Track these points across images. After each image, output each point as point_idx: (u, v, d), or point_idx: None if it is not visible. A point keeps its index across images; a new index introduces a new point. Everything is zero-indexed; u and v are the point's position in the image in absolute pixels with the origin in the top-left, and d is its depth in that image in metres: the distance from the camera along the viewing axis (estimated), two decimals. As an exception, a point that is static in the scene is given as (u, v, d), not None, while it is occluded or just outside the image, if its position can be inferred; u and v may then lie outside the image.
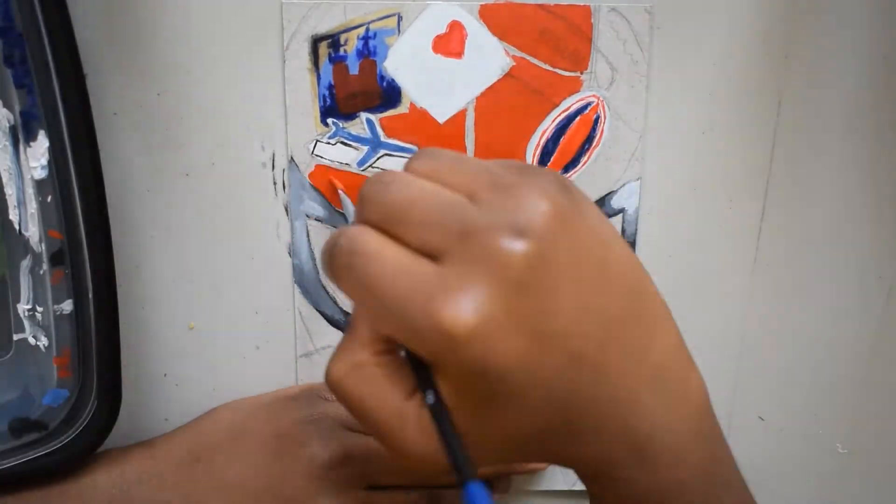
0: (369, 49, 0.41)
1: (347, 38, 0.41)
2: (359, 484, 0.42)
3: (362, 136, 0.42)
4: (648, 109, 0.42)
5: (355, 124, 0.42)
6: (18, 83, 0.36)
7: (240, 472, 0.41)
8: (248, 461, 0.42)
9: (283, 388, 0.46)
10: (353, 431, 0.42)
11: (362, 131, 0.42)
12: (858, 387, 0.48)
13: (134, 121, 0.41)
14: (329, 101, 0.42)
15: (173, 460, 0.42)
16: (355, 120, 0.42)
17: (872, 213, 0.45)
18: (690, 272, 0.45)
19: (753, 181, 0.44)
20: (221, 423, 0.44)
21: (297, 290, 0.44)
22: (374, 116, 0.42)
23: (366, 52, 0.41)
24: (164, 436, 0.44)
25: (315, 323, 0.45)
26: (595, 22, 0.41)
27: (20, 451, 0.40)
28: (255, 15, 0.40)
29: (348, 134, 0.42)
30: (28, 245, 0.39)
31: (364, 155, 0.43)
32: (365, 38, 0.41)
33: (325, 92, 0.42)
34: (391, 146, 0.42)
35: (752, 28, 0.41)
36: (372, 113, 0.42)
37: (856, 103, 0.43)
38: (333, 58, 0.41)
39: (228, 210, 0.43)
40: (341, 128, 0.42)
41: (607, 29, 0.41)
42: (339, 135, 0.42)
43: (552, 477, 0.47)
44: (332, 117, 0.42)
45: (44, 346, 0.40)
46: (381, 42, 0.41)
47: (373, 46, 0.41)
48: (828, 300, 0.46)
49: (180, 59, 0.40)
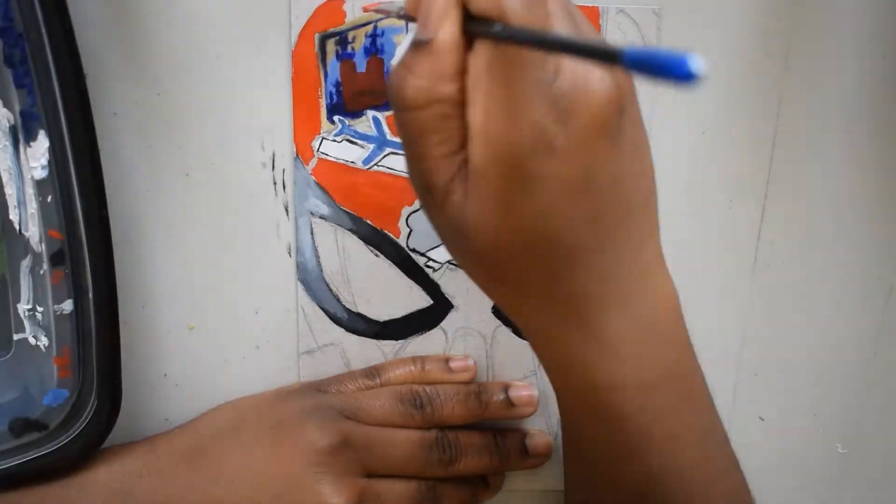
0: (377, 47, 0.41)
1: (355, 35, 0.41)
2: (358, 471, 0.42)
3: (368, 135, 0.42)
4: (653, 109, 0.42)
5: (362, 122, 0.42)
6: (18, 83, 0.36)
7: (240, 462, 0.41)
8: (247, 451, 0.42)
9: (283, 386, 0.46)
10: (352, 420, 0.42)
11: (368, 129, 0.42)
12: (858, 387, 0.48)
13: (134, 121, 0.41)
14: (336, 98, 0.42)
15: (174, 454, 0.42)
16: (362, 118, 0.42)
17: (872, 213, 0.45)
18: (690, 272, 0.45)
19: (753, 181, 0.44)
20: (222, 418, 0.44)
21: (300, 287, 0.44)
22: (380, 114, 0.42)
23: (373, 49, 0.41)
24: (164, 433, 0.44)
25: (317, 320, 0.45)
26: (603, 23, 0.41)
27: (20, 451, 0.40)
28: (263, 12, 0.40)
29: (354, 132, 0.42)
30: (28, 245, 0.39)
31: (370, 153, 0.43)
32: (373, 36, 0.41)
33: (332, 89, 0.42)
34: (397, 144, 0.42)
35: (752, 28, 0.41)
36: (379, 111, 0.42)
37: (856, 103, 0.43)
38: (341, 55, 0.41)
39: (228, 210, 0.43)
40: (347, 125, 0.42)
41: (615, 30, 0.41)
42: (346, 132, 0.42)
43: (549, 476, 0.48)
44: (339, 115, 0.42)
45: (44, 345, 0.40)
46: (389, 40, 0.41)
47: (380, 44, 0.41)
48: (828, 300, 0.46)
49: (180, 59, 0.40)
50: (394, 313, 0.45)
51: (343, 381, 0.44)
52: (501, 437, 0.45)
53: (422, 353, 0.46)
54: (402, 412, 0.43)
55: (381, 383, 0.44)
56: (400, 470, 0.43)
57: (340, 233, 0.44)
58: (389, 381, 0.44)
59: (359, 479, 0.42)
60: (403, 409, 0.43)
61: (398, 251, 0.44)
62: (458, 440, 0.44)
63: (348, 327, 0.45)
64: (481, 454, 0.44)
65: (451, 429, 0.44)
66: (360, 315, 0.45)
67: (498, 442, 0.45)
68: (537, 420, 0.47)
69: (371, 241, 0.44)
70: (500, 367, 0.46)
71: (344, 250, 0.44)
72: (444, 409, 0.43)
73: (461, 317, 0.45)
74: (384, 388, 0.44)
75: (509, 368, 0.46)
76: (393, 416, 0.43)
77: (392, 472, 0.43)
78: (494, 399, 0.44)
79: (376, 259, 0.44)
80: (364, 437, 0.42)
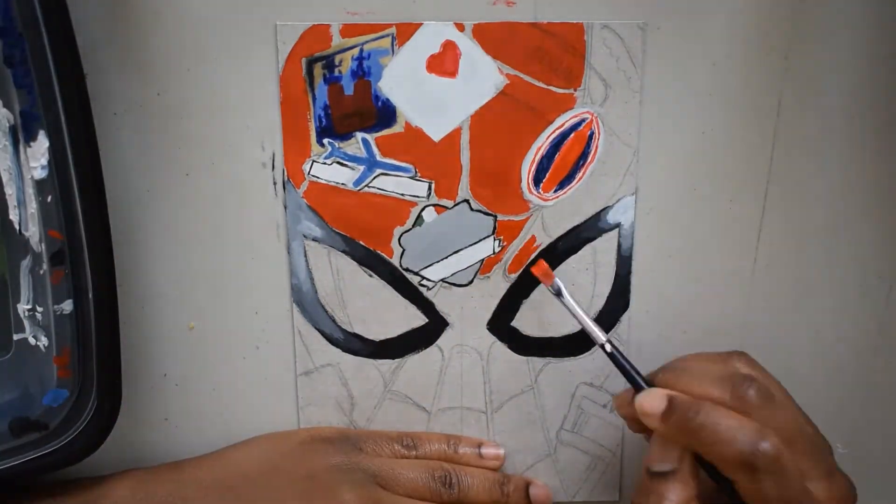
0: (364, 69, 0.41)
1: (342, 59, 0.41)
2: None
3: (358, 156, 0.42)
4: (646, 114, 0.42)
5: (351, 144, 0.42)
6: (18, 83, 0.36)
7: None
8: (277, 496, 0.42)
9: (318, 428, 0.46)
10: (383, 489, 0.43)
11: (358, 151, 0.42)
12: (858, 387, 0.48)
13: (134, 121, 0.41)
14: (325, 121, 0.42)
15: (201, 485, 0.42)
16: (351, 140, 0.42)
17: (872, 213, 0.45)
18: (690, 272, 0.45)
19: (753, 181, 0.44)
20: (253, 456, 0.44)
21: (295, 309, 0.44)
22: (369, 136, 0.42)
23: (360, 72, 0.41)
24: (191, 459, 0.45)
25: (314, 342, 0.45)
26: (588, 39, 0.41)
27: (20, 451, 0.40)
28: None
29: (344, 154, 0.42)
30: (28, 245, 0.39)
31: (360, 175, 0.43)
32: (359, 59, 0.41)
33: (320, 113, 0.42)
34: (387, 165, 0.43)
35: (752, 28, 0.41)
36: (367, 133, 0.42)
37: (856, 103, 0.43)
38: (328, 79, 0.41)
39: (228, 210, 0.43)
40: (337, 148, 0.42)
41: (600, 46, 0.41)
42: (335, 155, 0.42)
43: (553, 489, 0.48)
44: (328, 137, 0.42)
45: (44, 345, 0.40)
46: (376, 62, 0.41)
47: (367, 67, 0.41)
48: (828, 300, 0.46)
49: (180, 59, 0.40)
50: (389, 333, 0.45)
51: (380, 443, 0.45)
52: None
53: (418, 371, 0.46)
54: (431, 488, 0.44)
55: (416, 455, 0.46)
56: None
57: (334, 254, 0.44)
58: (423, 456, 0.46)
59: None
60: (434, 486, 0.44)
61: (392, 271, 0.44)
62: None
63: (345, 348, 0.45)
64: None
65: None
66: (355, 335, 0.45)
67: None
68: (537, 433, 0.47)
69: (364, 262, 0.44)
70: (496, 384, 0.46)
71: (338, 271, 0.44)
72: (470, 493, 0.45)
73: (457, 334, 0.45)
74: (418, 462, 0.45)
75: (506, 384, 0.46)
76: (423, 490, 0.44)
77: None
78: (515, 492, 0.46)
79: (370, 279, 0.44)
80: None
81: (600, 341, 0.41)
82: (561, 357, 0.46)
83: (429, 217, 0.44)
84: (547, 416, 0.47)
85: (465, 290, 0.45)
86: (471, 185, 0.43)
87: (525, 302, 0.45)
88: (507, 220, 0.44)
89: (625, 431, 0.47)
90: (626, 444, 0.48)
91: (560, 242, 0.44)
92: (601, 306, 0.45)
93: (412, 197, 0.43)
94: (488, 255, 0.44)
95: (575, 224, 0.44)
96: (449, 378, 0.46)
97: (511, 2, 0.41)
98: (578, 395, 0.47)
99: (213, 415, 0.46)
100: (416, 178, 0.43)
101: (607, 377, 0.46)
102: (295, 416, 0.46)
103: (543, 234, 0.44)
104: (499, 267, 0.45)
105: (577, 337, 0.46)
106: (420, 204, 0.43)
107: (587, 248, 0.45)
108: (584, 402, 0.47)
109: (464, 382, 0.46)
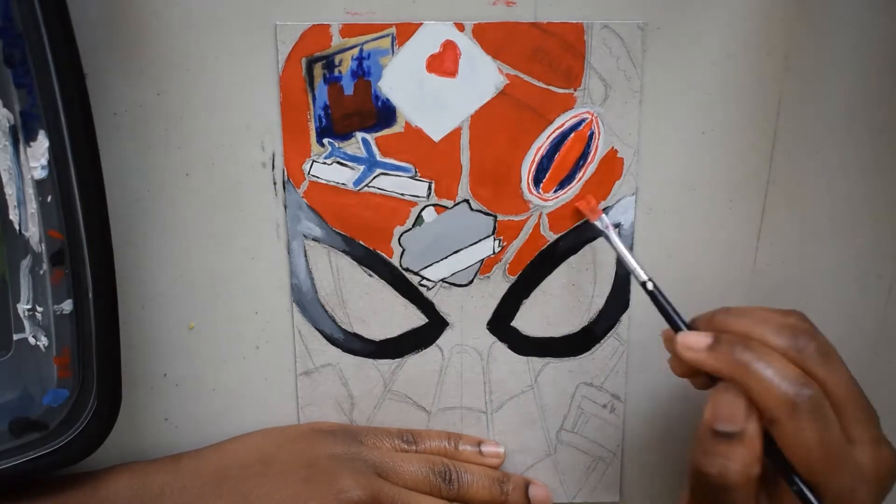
0: (363, 69, 0.41)
1: (342, 58, 0.41)
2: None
3: (358, 156, 0.42)
4: (646, 114, 0.42)
5: (351, 144, 0.42)
6: (18, 83, 0.36)
7: (267, 494, 0.41)
8: (276, 484, 0.42)
9: (318, 422, 0.46)
10: (383, 479, 0.43)
11: (358, 151, 0.42)
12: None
13: (134, 121, 0.41)
14: (325, 121, 0.42)
15: (199, 476, 0.42)
16: (351, 140, 0.42)
17: (872, 213, 0.45)
18: (690, 272, 0.45)
19: (753, 181, 0.44)
20: (252, 447, 0.44)
21: (295, 309, 0.44)
22: (369, 136, 0.42)
23: (360, 72, 0.41)
24: (191, 452, 0.45)
25: (314, 342, 0.45)
26: (588, 39, 0.41)
27: (20, 451, 0.40)
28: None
29: (344, 154, 0.42)
30: (28, 245, 0.39)
31: (360, 174, 0.43)
32: (359, 59, 0.41)
33: (320, 113, 0.42)
34: (387, 165, 0.43)
35: (752, 28, 0.42)
36: (367, 132, 0.42)
37: (856, 103, 0.43)
38: (328, 79, 0.41)
39: (228, 210, 0.43)
40: (337, 148, 0.42)
41: (600, 45, 0.41)
42: (335, 155, 0.42)
43: (553, 490, 0.48)
44: (328, 137, 0.42)
45: (44, 345, 0.40)
46: (376, 62, 0.41)
47: (367, 67, 0.41)
48: (828, 300, 0.46)
49: (180, 59, 0.40)
50: (389, 333, 0.45)
51: (380, 437, 0.45)
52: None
53: (418, 371, 0.46)
54: (431, 482, 0.44)
55: (416, 451, 0.46)
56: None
57: (334, 254, 0.44)
58: (423, 451, 0.46)
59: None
60: (433, 480, 0.44)
61: (391, 271, 0.44)
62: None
63: (345, 348, 0.45)
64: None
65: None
66: (356, 335, 0.45)
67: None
68: (537, 433, 0.47)
69: (364, 262, 0.44)
70: (496, 384, 0.46)
71: (338, 271, 0.44)
72: (470, 489, 0.45)
73: (457, 334, 0.45)
74: (418, 455, 0.45)
75: (506, 384, 0.46)
76: (422, 483, 0.44)
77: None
78: (514, 491, 0.46)
79: (370, 279, 0.44)
80: (392, 498, 0.42)
81: (642, 279, 0.41)
82: (561, 357, 0.46)
83: (429, 217, 0.44)
84: (547, 416, 0.47)
85: (465, 290, 0.45)
86: (471, 185, 0.43)
87: (525, 302, 0.45)
88: (507, 220, 0.44)
89: (625, 431, 0.47)
90: (626, 444, 0.48)
91: (560, 242, 0.44)
92: (601, 306, 0.45)
93: (412, 197, 0.43)
94: (488, 255, 0.44)
95: (575, 224, 0.44)
96: (449, 378, 0.46)
97: (511, 2, 0.41)
98: (578, 395, 0.47)
99: (213, 415, 0.46)
100: (416, 177, 0.43)
101: (607, 377, 0.46)
102: (295, 415, 0.46)
103: (543, 234, 0.44)
104: (499, 267, 0.45)
105: (577, 337, 0.46)
106: (420, 204, 0.43)
107: (587, 248, 0.45)
108: (584, 402, 0.47)
109: (464, 382, 0.46)
